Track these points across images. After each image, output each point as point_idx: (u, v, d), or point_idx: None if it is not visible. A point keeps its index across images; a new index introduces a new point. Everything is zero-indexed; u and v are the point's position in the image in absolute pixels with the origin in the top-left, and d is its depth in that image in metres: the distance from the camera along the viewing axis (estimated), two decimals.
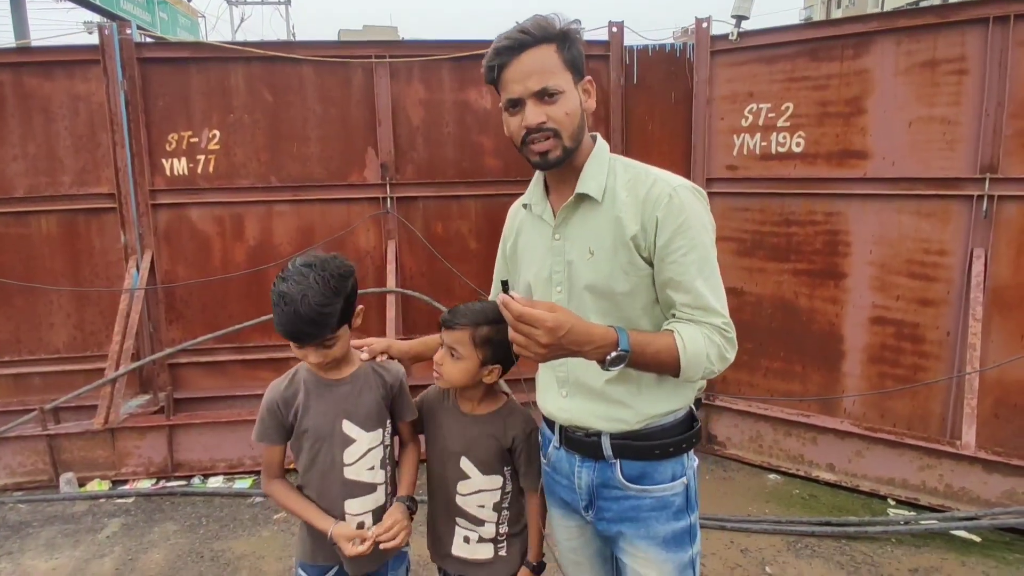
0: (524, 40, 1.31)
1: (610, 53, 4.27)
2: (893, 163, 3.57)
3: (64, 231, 4.25)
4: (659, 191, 1.33)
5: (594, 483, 1.47)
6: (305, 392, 1.60)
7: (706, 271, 1.32)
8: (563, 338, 1.18)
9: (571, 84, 1.34)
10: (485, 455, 1.63)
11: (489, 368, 1.58)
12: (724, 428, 4.06)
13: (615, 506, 1.46)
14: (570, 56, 1.34)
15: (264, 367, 4.45)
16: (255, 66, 4.21)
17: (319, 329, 1.49)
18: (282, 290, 1.46)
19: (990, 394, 3.38)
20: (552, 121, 1.32)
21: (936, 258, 3.51)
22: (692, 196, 1.34)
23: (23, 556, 3.11)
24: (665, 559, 1.44)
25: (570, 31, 1.34)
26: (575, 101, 1.34)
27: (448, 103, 4.35)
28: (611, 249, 1.35)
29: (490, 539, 1.67)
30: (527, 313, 1.16)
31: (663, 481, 1.43)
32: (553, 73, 1.31)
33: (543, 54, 1.31)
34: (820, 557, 2.96)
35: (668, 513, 1.43)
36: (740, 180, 4.08)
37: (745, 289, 4.11)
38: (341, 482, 1.61)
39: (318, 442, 1.60)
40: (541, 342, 1.17)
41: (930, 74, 3.42)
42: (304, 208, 4.37)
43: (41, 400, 3.94)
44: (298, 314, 1.44)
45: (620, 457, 1.43)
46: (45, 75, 4.10)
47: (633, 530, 1.44)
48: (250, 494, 3.65)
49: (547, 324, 1.16)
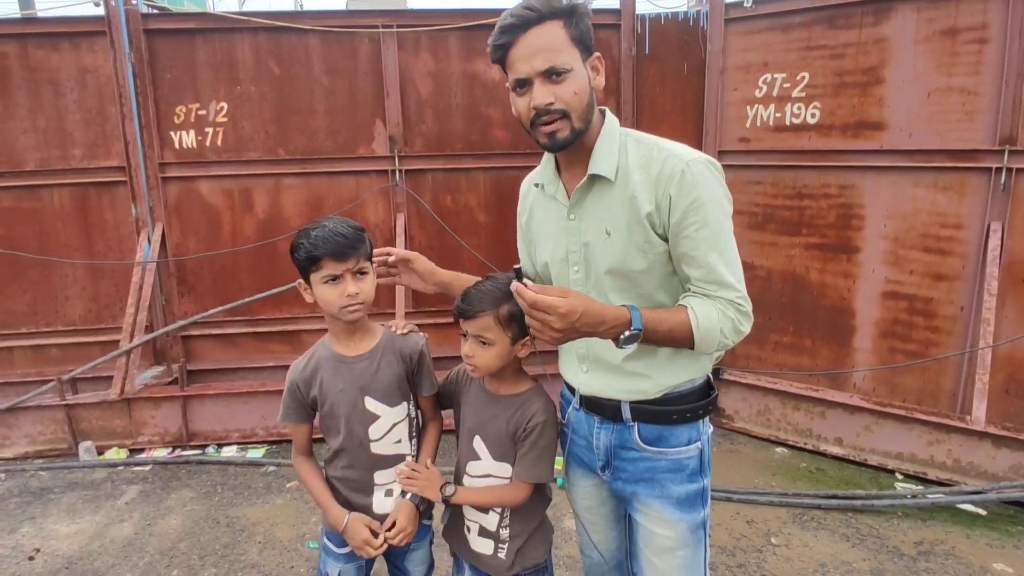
0: (529, 17, 1.27)
1: (621, 22, 4.18)
2: (910, 135, 3.49)
3: (76, 204, 4.28)
4: (671, 167, 1.30)
5: (612, 444, 1.50)
6: (323, 370, 1.60)
7: (720, 245, 1.30)
8: (576, 322, 1.22)
9: (579, 61, 1.30)
10: (496, 437, 1.58)
11: (520, 343, 1.51)
12: (732, 401, 4.07)
13: (631, 467, 1.49)
14: (577, 32, 1.29)
15: (275, 339, 4.50)
16: (261, 37, 4.17)
17: (358, 241, 1.52)
18: (312, 227, 1.52)
19: (1002, 370, 3.35)
20: (560, 101, 1.29)
21: (952, 232, 3.45)
22: (706, 170, 1.31)
23: (46, 520, 3.20)
24: (679, 519, 1.47)
25: (577, 6, 1.30)
26: (583, 79, 1.31)
27: (456, 74, 4.30)
28: (626, 228, 1.35)
29: (492, 533, 1.62)
30: (540, 300, 1.22)
31: (679, 444, 1.46)
32: (560, 51, 1.27)
33: (549, 31, 1.27)
34: (826, 529, 2.98)
35: (683, 475, 1.47)
36: (753, 152, 4.01)
37: (756, 263, 4.07)
38: (368, 456, 1.63)
39: (342, 420, 1.60)
40: (555, 327, 1.23)
41: (950, 43, 3.33)
42: (313, 181, 4.37)
43: (58, 371, 4.02)
44: (336, 231, 1.50)
45: (638, 420, 1.46)
46: (52, 47, 4.08)
47: (648, 490, 1.48)
48: (263, 463, 3.73)
49: (560, 310, 1.21)
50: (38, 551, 2.95)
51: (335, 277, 1.51)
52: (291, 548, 2.92)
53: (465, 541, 1.67)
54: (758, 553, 2.82)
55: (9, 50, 4.06)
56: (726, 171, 1.39)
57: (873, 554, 2.80)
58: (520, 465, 1.55)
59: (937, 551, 2.81)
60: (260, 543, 2.97)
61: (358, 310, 1.55)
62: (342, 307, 1.53)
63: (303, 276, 1.56)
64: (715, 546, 2.86)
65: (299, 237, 1.54)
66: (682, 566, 1.49)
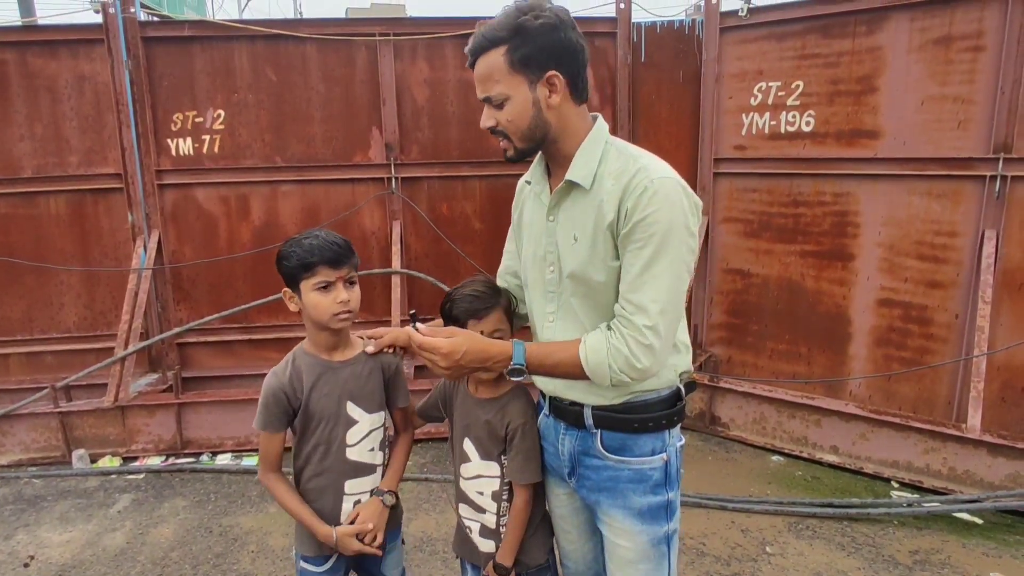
0: (474, 48, 1.34)
1: (617, 30, 4.21)
2: (904, 143, 3.50)
3: (72, 211, 4.28)
4: (638, 181, 1.29)
5: (576, 451, 1.51)
6: (309, 375, 1.61)
7: (655, 268, 1.28)
8: (461, 359, 1.37)
9: (520, 86, 1.32)
10: (480, 438, 1.63)
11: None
12: (727, 410, 4.06)
13: (595, 475, 1.49)
14: (522, 55, 1.29)
15: (270, 347, 4.49)
16: (259, 45, 4.19)
17: (350, 250, 1.56)
18: (303, 237, 1.56)
19: (997, 378, 3.35)
20: (500, 125, 1.36)
21: (946, 239, 3.46)
22: (672, 191, 1.29)
23: (39, 528, 3.19)
24: (639, 530, 1.47)
25: (525, 27, 1.28)
26: (522, 104, 1.33)
27: (452, 82, 4.31)
28: (592, 237, 1.36)
29: (492, 531, 1.66)
30: (425, 343, 1.40)
31: (642, 454, 1.45)
32: (496, 81, 1.32)
33: (490, 61, 1.32)
34: (821, 538, 2.97)
35: (645, 486, 1.46)
36: (748, 160, 4.02)
37: (752, 270, 4.07)
38: (342, 461, 1.64)
39: (323, 423, 1.61)
40: (440, 365, 1.39)
41: (944, 51, 3.34)
42: (309, 188, 4.37)
43: (53, 378, 4.01)
44: (330, 240, 1.54)
45: (600, 428, 1.46)
46: (50, 54, 4.10)
47: (610, 500, 1.48)
48: (257, 471, 3.71)
49: (442, 351, 1.37)
50: (32, 558, 2.94)
51: (328, 284, 1.53)
52: (284, 557, 2.90)
53: (471, 544, 1.71)
54: (753, 562, 2.80)
55: (8, 57, 4.08)
56: (722, 179, 1.41)
57: (869, 563, 2.78)
58: (511, 470, 1.60)
59: (933, 560, 2.80)
60: (253, 552, 2.96)
61: (348, 318, 1.57)
62: (334, 314, 1.54)
63: (290, 284, 1.57)
64: (710, 555, 2.85)
65: (289, 246, 1.55)
66: None
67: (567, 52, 1.32)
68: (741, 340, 4.21)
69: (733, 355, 4.27)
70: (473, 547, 1.70)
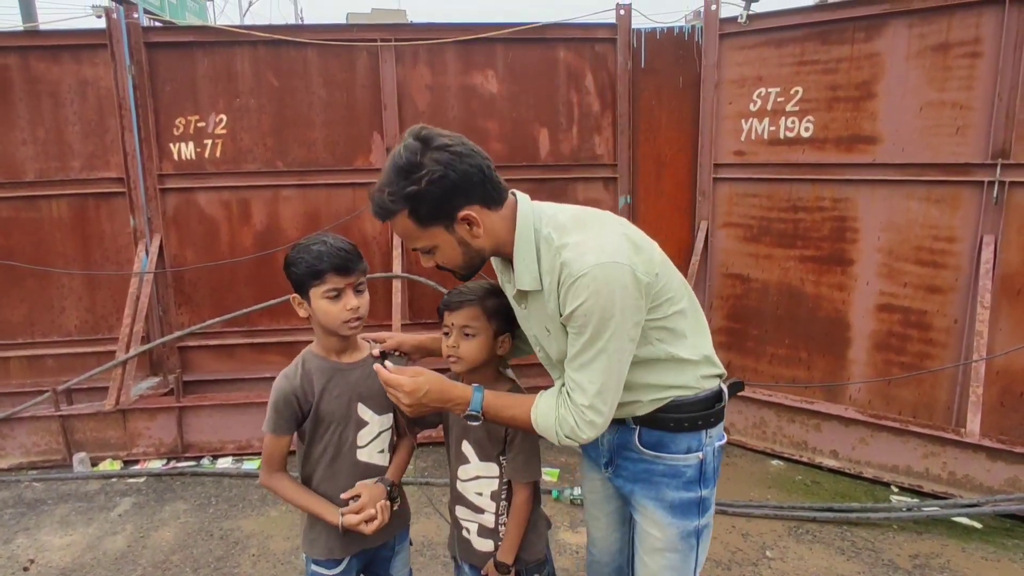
0: (379, 214, 1.36)
1: (617, 36, 4.23)
2: (903, 148, 3.52)
3: (74, 215, 4.29)
4: (564, 277, 1.33)
5: (615, 443, 1.57)
6: (320, 377, 1.61)
7: (588, 354, 1.34)
8: (423, 398, 1.44)
9: (439, 235, 1.36)
10: (478, 439, 1.65)
11: (501, 339, 1.61)
12: (727, 414, 4.03)
13: (631, 466, 1.55)
14: (427, 213, 1.33)
15: (272, 350, 4.50)
16: (261, 50, 4.21)
17: (359, 256, 1.56)
18: (311, 242, 1.55)
19: (996, 382, 3.36)
20: (440, 264, 1.45)
21: (945, 245, 3.48)
22: (598, 276, 1.28)
23: (39, 532, 3.19)
24: (670, 523, 1.52)
25: (415, 195, 1.29)
26: (449, 248, 1.40)
27: (453, 87, 4.34)
28: (557, 328, 1.43)
29: (490, 531, 1.68)
30: (391, 380, 1.46)
31: (678, 452, 1.50)
32: (416, 238, 1.38)
33: (399, 224, 1.36)
34: (821, 542, 2.97)
35: (679, 482, 1.51)
36: (747, 166, 4.04)
37: (751, 276, 4.09)
38: (352, 463, 1.64)
39: (333, 425, 1.62)
40: (404, 402, 1.45)
41: (942, 58, 3.37)
42: (310, 193, 4.39)
43: (54, 381, 4.01)
44: (338, 246, 1.54)
45: (640, 424, 1.52)
46: (53, 59, 4.12)
47: (644, 491, 1.54)
48: (258, 475, 3.71)
49: (405, 388, 1.44)
50: (32, 562, 2.94)
51: (338, 292, 1.53)
52: (285, 561, 2.90)
53: (468, 544, 1.72)
54: (753, 567, 2.81)
55: (11, 62, 4.10)
56: (721, 184, 1.43)
57: (868, 567, 2.79)
58: (512, 469, 1.63)
59: (932, 564, 2.80)
60: (254, 556, 2.96)
61: (358, 325, 1.59)
62: (344, 321, 1.55)
63: (299, 291, 1.57)
64: (710, 559, 2.85)
65: (297, 252, 1.55)
66: (670, 567, 1.55)
67: (468, 185, 1.33)
68: (741, 345, 4.22)
69: (733, 360, 4.28)
70: (471, 547, 1.71)
